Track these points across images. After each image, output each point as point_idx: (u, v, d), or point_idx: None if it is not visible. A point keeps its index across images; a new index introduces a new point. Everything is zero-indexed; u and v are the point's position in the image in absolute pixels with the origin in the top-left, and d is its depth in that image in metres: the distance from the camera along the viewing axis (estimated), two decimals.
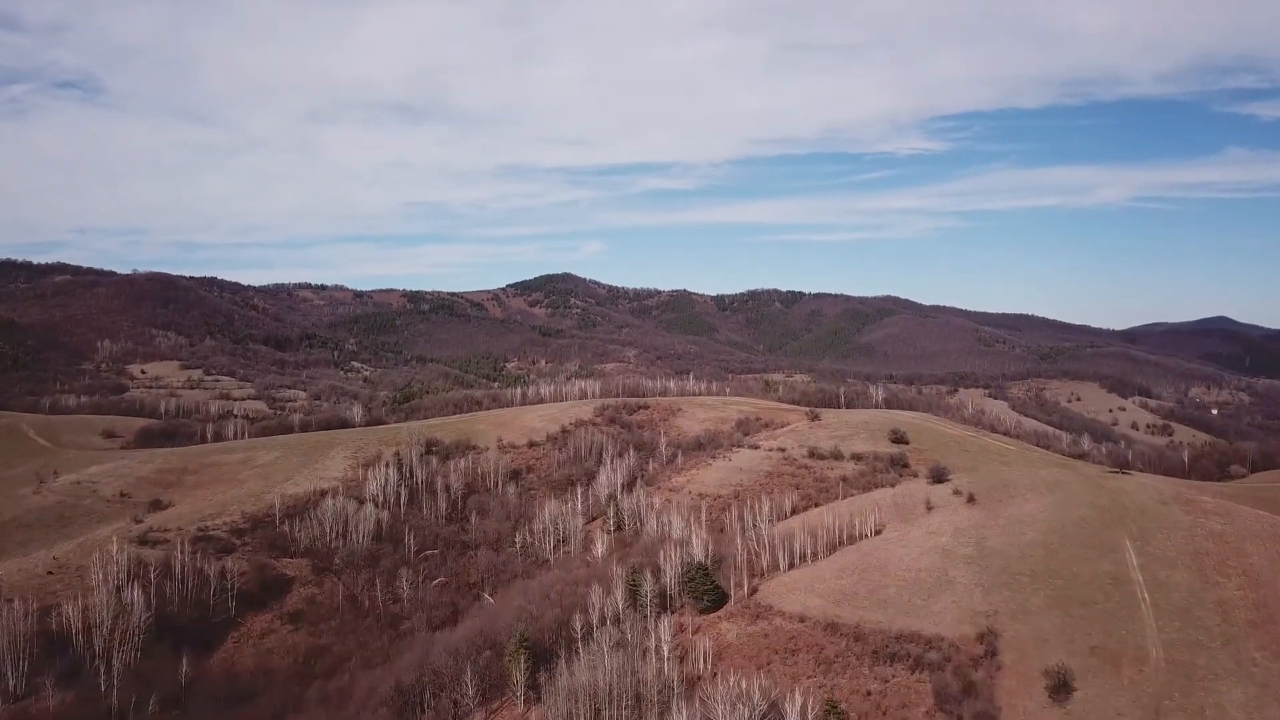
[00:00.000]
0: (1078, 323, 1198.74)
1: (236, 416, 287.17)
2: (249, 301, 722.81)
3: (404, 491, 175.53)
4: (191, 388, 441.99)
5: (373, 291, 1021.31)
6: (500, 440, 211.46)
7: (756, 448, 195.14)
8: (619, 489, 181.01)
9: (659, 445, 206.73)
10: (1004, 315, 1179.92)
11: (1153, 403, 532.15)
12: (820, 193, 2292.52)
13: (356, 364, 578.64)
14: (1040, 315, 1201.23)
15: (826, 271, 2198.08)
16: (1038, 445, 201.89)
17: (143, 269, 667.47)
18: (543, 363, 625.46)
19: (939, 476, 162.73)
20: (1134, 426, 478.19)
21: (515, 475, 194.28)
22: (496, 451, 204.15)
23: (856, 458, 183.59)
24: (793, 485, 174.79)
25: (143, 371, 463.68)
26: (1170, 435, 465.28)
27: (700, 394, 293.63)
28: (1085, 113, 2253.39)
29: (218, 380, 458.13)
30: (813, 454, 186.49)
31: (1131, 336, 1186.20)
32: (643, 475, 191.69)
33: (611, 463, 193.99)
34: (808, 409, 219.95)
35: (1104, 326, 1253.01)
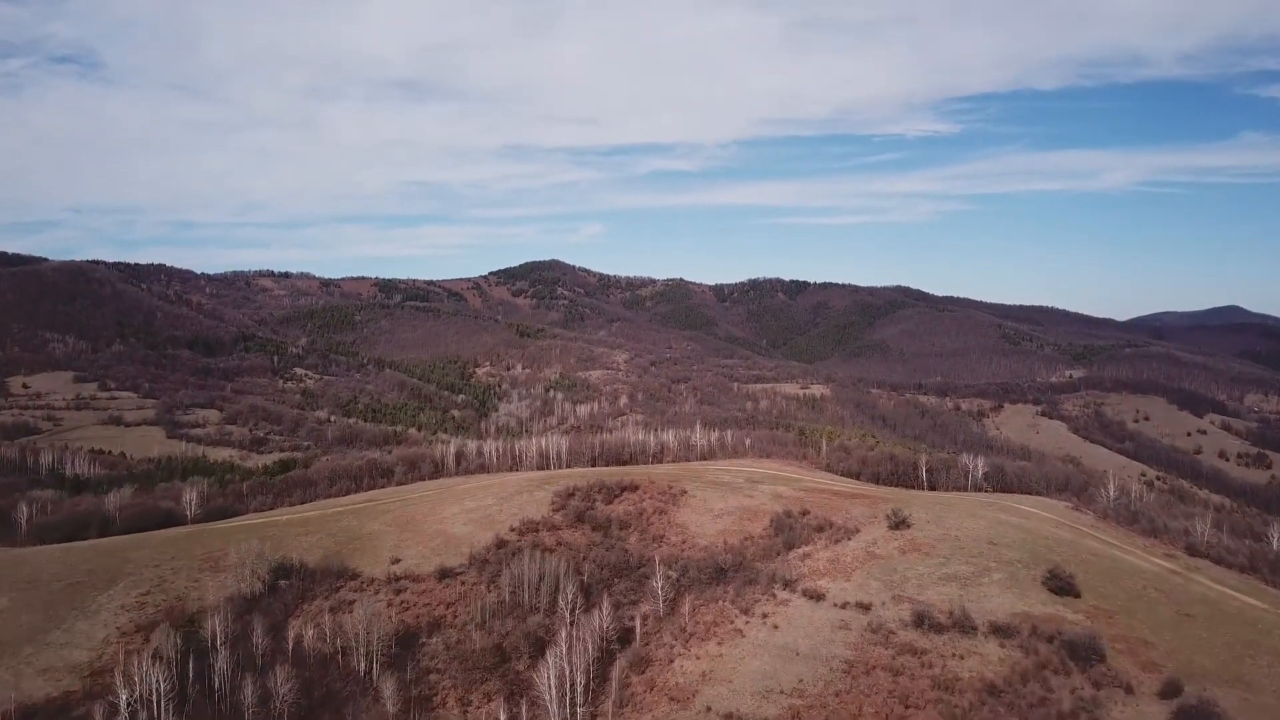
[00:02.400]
0: (1100, 315, 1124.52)
1: (62, 476, 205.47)
2: (185, 296, 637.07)
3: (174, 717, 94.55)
4: (79, 408, 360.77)
5: (341, 280, 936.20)
6: (395, 563, 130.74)
7: (819, 598, 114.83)
8: (580, 692, 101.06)
9: (652, 574, 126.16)
10: (1023, 308, 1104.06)
11: (1236, 423, 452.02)
12: (826, 175, 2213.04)
13: (301, 370, 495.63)
14: (1061, 308, 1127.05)
15: (831, 259, 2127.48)
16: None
17: (136, 250, 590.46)
18: (519, 368, 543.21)
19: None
20: (1222, 455, 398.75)
21: (406, 646, 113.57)
22: (385, 589, 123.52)
23: (999, 631, 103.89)
24: (898, 699, 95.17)
25: (25, 386, 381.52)
26: (1269, 468, 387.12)
27: (711, 453, 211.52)
28: (1101, 95, 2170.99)
29: (114, 397, 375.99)
30: (920, 620, 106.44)
31: (1158, 331, 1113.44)
32: (624, 650, 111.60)
33: (573, 616, 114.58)
34: (889, 510, 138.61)
35: (1126, 318, 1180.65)
